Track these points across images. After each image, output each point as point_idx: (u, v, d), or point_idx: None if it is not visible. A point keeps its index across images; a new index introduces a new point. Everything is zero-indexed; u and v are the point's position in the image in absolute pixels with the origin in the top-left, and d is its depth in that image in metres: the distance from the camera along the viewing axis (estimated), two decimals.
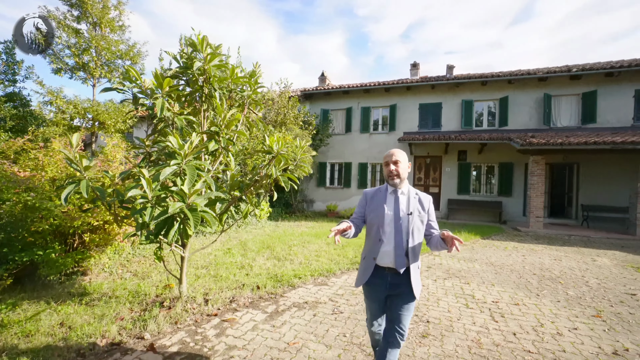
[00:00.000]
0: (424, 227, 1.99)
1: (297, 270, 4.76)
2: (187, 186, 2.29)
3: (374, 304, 2.03)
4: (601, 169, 10.73)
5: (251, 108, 3.69)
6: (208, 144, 2.58)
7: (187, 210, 2.22)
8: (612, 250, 7.31)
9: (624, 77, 10.63)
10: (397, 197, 2.00)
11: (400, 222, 1.94)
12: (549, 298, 4.02)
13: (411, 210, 1.96)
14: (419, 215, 1.98)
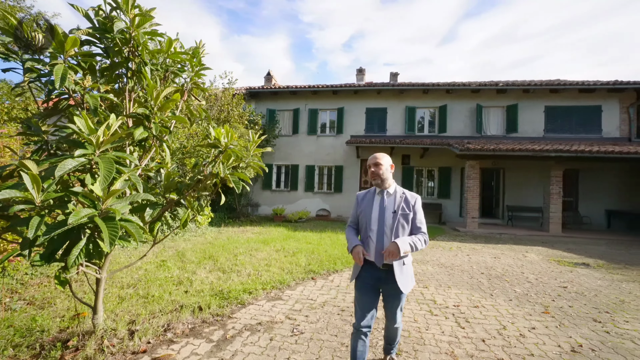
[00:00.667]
0: (409, 225, 2.07)
1: (247, 284, 4.17)
2: (101, 186, 1.64)
3: (364, 297, 2.10)
4: (522, 173, 12.08)
5: (193, 94, 3.06)
6: (134, 131, 1.93)
7: (99, 219, 1.57)
8: (535, 246, 8.12)
9: (537, 94, 12.17)
10: (383, 197, 2.15)
11: (385, 220, 2.07)
12: (501, 297, 4.10)
13: (395, 208, 2.08)
14: (404, 214, 2.06)
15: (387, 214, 2.07)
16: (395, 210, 2.06)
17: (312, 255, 6.02)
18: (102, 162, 1.67)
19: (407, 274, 2.08)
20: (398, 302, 2.13)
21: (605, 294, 4.41)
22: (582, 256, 6.96)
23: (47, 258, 1.73)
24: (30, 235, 1.43)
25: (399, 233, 2.04)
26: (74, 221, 1.50)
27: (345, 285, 4.41)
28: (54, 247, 1.69)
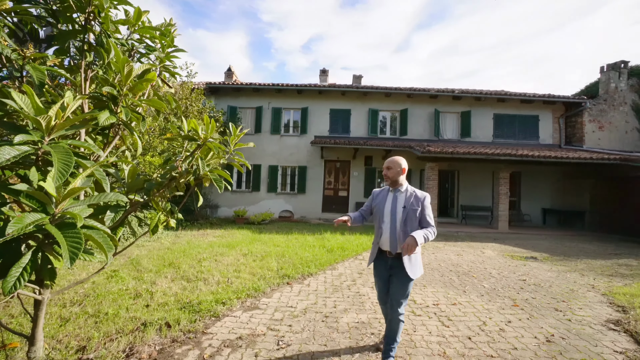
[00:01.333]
0: (417, 218, 2.36)
1: (218, 293, 3.79)
2: (55, 183, 1.26)
3: (379, 280, 2.52)
4: (474, 175, 12.99)
5: (163, 79, 2.66)
6: (99, 115, 1.55)
7: (52, 227, 1.20)
8: (489, 242, 8.72)
9: (487, 102, 13.20)
10: (396, 195, 2.47)
11: (396, 214, 2.40)
12: (474, 293, 4.24)
13: (405, 204, 2.39)
14: (413, 209, 2.36)
15: (398, 209, 2.40)
16: (405, 206, 2.38)
17: (283, 258, 5.75)
18: (56, 153, 1.28)
19: (415, 263, 2.37)
20: (404, 290, 2.35)
21: (557, 284, 4.80)
22: (529, 250, 7.61)
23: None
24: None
25: (407, 225, 2.35)
26: (16, 230, 1.12)
27: (324, 289, 4.23)
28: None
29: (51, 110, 1.33)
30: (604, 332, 3.18)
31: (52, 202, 1.29)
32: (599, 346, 2.88)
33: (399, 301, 2.35)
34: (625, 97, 12.78)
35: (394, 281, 2.37)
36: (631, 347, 2.89)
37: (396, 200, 2.43)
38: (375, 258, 2.53)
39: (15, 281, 1.20)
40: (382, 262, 2.47)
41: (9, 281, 1.19)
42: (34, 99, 1.32)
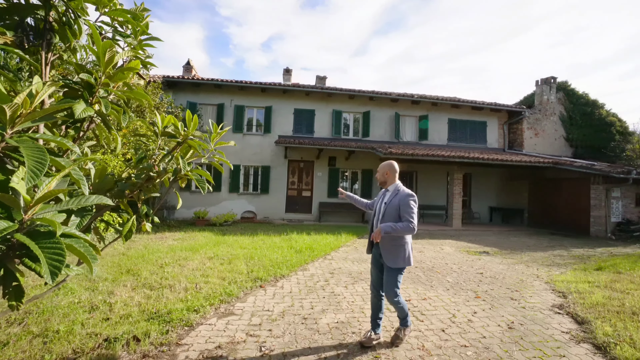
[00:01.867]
0: (396, 213, 2.66)
1: (188, 301, 3.55)
2: (27, 185, 1.08)
3: (372, 267, 2.92)
4: (430, 176, 13.80)
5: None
6: (74, 105, 1.34)
7: (23, 236, 1.02)
8: (446, 239, 9.33)
9: (442, 107, 14.12)
10: (385, 193, 2.89)
11: (380, 210, 2.82)
12: (440, 288, 4.50)
13: (386, 201, 2.77)
14: (392, 206, 2.69)
15: (382, 206, 2.80)
16: (387, 202, 2.75)
17: (252, 261, 5.57)
18: (25, 149, 1.09)
19: (394, 253, 2.68)
20: (388, 277, 2.69)
21: (509, 275, 5.29)
22: (482, 246, 8.28)
23: None
24: None
25: (386, 219, 2.69)
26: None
27: (298, 290, 4.18)
28: None
29: (18, 97, 1.13)
30: (552, 316, 3.57)
31: (20, 206, 1.10)
32: (549, 329, 3.22)
33: (387, 291, 2.69)
34: (554, 109, 14.51)
35: (384, 269, 2.74)
36: (574, 327, 3.28)
37: (383, 198, 2.85)
38: (372, 249, 2.89)
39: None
40: (375, 251, 2.86)
41: None
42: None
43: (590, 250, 7.97)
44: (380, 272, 2.82)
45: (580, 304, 3.82)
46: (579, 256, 7.13)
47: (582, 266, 6.00)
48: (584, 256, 7.15)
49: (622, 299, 3.97)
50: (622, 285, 4.53)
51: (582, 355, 2.73)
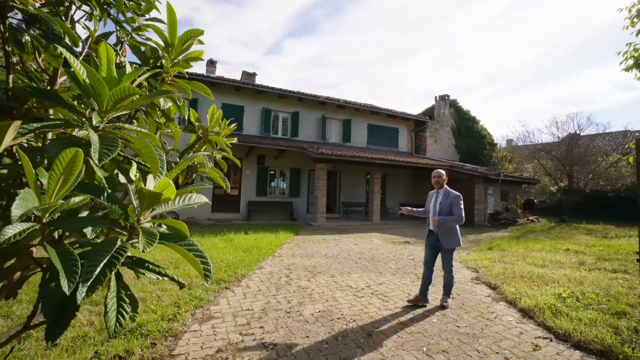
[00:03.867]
0: (449, 210, 3.69)
1: (157, 311, 3.22)
2: (146, 184, 1.04)
3: (428, 249, 3.93)
4: (351, 176, 15.02)
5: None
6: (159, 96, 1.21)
7: (172, 244, 0.98)
8: (372, 232, 10.41)
9: (363, 113, 15.53)
10: (438, 194, 3.88)
11: (435, 207, 3.81)
12: (388, 274, 5.15)
13: (441, 201, 3.78)
14: (446, 203, 3.72)
15: (437, 205, 3.78)
16: (441, 202, 3.77)
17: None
18: (140, 145, 1.03)
19: (449, 238, 3.70)
20: (446, 256, 3.78)
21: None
22: (402, 237, 9.57)
23: None
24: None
25: (442, 214, 3.71)
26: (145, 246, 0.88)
27: (266, 288, 4.21)
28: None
29: (125, 80, 1.04)
30: (475, 286, 4.56)
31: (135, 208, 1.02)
32: (477, 295, 4.13)
33: (446, 264, 3.79)
34: (448, 121, 17.62)
35: (440, 252, 3.83)
36: (490, 291, 4.29)
37: (438, 198, 3.83)
38: (427, 235, 3.93)
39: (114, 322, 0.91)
40: (430, 238, 3.88)
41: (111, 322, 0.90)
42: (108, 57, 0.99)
43: (478, 235, 10.11)
44: (434, 253, 3.85)
45: (489, 275, 4.96)
46: (473, 240, 9.01)
47: (478, 248, 7.64)
48: (476, 240, 9.06)
49: (512, 268, 5.31)
50: (509, 259, 6.02)
51: (503, 309, 3.64)
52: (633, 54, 5.16)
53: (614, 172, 14.69)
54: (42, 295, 0.80)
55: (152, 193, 0.87)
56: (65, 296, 0.82)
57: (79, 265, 0.73)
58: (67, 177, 0.74)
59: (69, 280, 0.71)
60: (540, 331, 3.07)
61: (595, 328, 2.97)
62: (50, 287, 0.82)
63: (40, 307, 0.80)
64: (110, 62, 0.97)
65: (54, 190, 0.74)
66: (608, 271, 5.10)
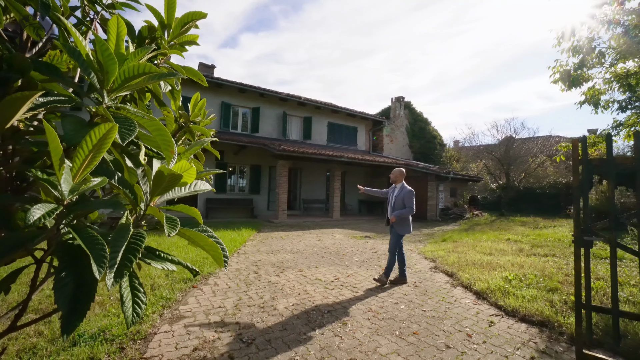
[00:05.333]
0: (402, 204, 4.37)
1: (120, 315, 2.97)
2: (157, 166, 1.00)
3: (390, 235, 4.52)
4: (312, 173, 15.14)
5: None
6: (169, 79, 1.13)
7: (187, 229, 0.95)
8: (333, 228, 10.63)
9: (324, 112, 15.72)
10: (395, 188, 4.54)
11: (392, 199, 4.50)
12: (354, 266, 5.33)
13: (396, 194, 4.44)
14: (399, 197, 4.39)
15: (393, 198, 4.46)
16: (396, 195, 4.42)
17: (158, 271, 4.93)
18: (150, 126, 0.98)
19: (400, 225, 4.37)
20: (394, 240, 4.41)
21: None
22: (362, 232, 9.92)
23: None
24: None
25: (396, 207, 4.39)
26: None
27: (235, 285, 4.11)
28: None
29: (132, 58, 0.97)
30: (433, 274, 4.92)
31: (145, 192, 0.97)
32: (437, 282, 4.48)
33: (391, 247, 4.42)
34: (403, 122, 18.58)
35: (391, 235, 4.46)
36: (448, 278, 4.67)
37: (394, 191, 4.50)
38: (387, 222, 4.52)
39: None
40: (390, 227, 4.50)
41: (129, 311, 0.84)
42: (118, 32, 0.92)
43: (432, 229, 10.87)
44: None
45: (445, 264, 5.39)
46: (427, 234, 9.66)
47: (433, 240, 8.22)
48: (430, 233, 9.73)
49: (464, 257, 5.83)
50: (461, 249, 6.59)
51: (460, 292, 4.00)
52: (559, 69, 5.95)
53: (540, 171, 16.77)
54: (56, 286, 0.73)
55: (173, 175, 0.84)
56: (80, 286, 0.77)
57: (106, 250, 0.69)
58: (95, 155, 0.69)
59: (99, 265, 0.67)
60: (493, 310, 3.44)
61: (536, 303, 3.41)
62: (62, 276, 0.75)
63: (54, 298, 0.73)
64: (120, 38, 0.91)
65: (79, 169, 0.69)
66: (541, 256, 5.86)
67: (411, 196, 4.35)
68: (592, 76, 5.95)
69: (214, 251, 0.98)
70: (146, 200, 0.93)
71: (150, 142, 1.08)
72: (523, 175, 16.26)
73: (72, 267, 0.79)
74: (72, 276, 0.78)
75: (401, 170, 4.56)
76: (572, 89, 6.07)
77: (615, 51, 5.30)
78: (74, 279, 0.78)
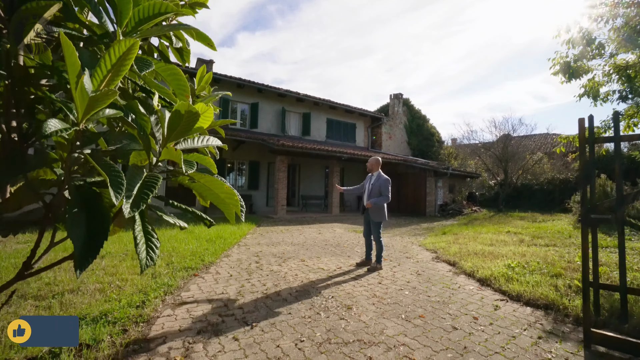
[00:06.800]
0: (378, 192, 4.49)
1: (121, 299, 2.93)
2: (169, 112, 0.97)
3: (365, 225, 4.75)
4: (310, 169, 15.11)
5: None
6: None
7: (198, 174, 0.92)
8: (333, 223, 10.61)
9: (322, 108, 15.68)
10: (372, 177, 4.65)
11: (368, 187, 4.62)
12: (356, 257, 5.31)
13: (373, 182, 4.57)
14: (376, 186, 4.52)
15: (370, 186, 4.58)
16: (373, 184, 4.54)
17: (162, 253, 4.88)
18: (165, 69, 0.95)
19: (376, 213, 4.52)
20: (374, 228, 4.57)
21: (397, 244, 6.70)
22: (362, 226, 9.88)
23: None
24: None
25: (372, 194, 4.52)
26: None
27: (237, 273, 4.07)
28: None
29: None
30: (436, 264, 4.91)
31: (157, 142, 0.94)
32: (440, 270, 4.47)
33: (375, 235, 4.56)
34: (401, 119, 18.59)
35: (371, 224, 4.59)
36: (450, 267, 4.66)
37: (371, 181, 4.61)
38: (364, 212, 4.69)
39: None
40: (365, 215, 4.67)
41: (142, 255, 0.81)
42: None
43: (431, 224, 10.88)
44: (368, 226, 4.63)
45: (447, 255, 5.38)
46: (427, 228, 9.66)
47: (433, 234, 8.22)
48: (429, 227, 9.74)
49: (466, 248, 5.82)
50: (462, 241, 6.59)
51: (464, 280, 3.99)
52: (559, 60, 5.95)
53: (538, 168, 16.85)
54: (69, 223, 0.70)
55: (190, 113, 0.81)
56: (93, 224, 0.73)
57: (123, 177, 0.66)
58: (114, 75, 0.65)
59: (115, 191, 0.63)
60: (497, 295, 3.43)
61: (540, 288, 3.40)
62: (75, 213, 0.72)
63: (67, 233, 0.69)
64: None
65: (98, 86, 0.65)
66: (542, 246, 5.87)
67: (387, 184, 4.44)
68: (591, 68, 5.96)
69: (231, 199, 0.95)
70: (161, 144, 0.90)
71: (164, 92, 1.04)
72: (520, 172, 16.32)
73: (85, 206, 0.76)
74: (85, 213, 0.74)
75: (377, 159, 4.69)
76: (571, 81, 6.07)
77: (614, 40, 5.31)
78: (87, 216, 0.74)
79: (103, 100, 0.60)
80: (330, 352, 2.19)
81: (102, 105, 0.62)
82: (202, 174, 0.91)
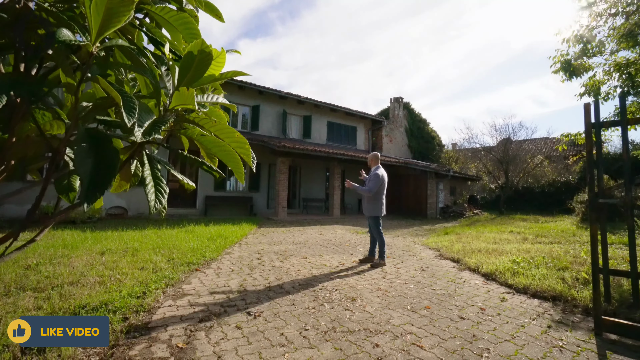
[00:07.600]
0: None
1: (121, 291, 2.88)
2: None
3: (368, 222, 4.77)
4: (311, 171, 15.08)
5: None
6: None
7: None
8: (334, 224, 10.54)
9: (323, 110, 15.72)
10: (370, 171, 4.70)
11: (367, 180, 4.66)
12: (359, 255, 5.25)
13: (368, 175, 4.65)
14: (368, 178, 4.61)
15: (367, 179, 4.66)
16: (368, 176, 4.66)
17: (163, 250, 4.82)
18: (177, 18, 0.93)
19: (368, 207, 4.63)
20: (370, 223, 4.68)
21: (399, 243, 6.65)
22: (364, 227, 9.82)
23: None
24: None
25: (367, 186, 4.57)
26: None
27: (239, 269, 4.02)
28: None
29: None
30: (439, 261, 4.86)
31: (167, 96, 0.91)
32: (444, 267, 4.41)
33: (373, 230, 4.67)
34: (402, 122, 18.63)
35: (367, 219, 4.76)
36: (454, 264, 4.61)
37: (369, 174, 4.69)
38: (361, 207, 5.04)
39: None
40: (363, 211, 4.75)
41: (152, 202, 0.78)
42: None
43: (433, 225, 10.82)
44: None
45: (450, 252, 5.32)
46: (429, 229, 9.60)
47: (436, 234, 8.16)
48: (431, 229, 9.67)
49: (469, 246, 5.77)
50: (465, 240, 6.54)
51: (468, 275, 3.94)
52: (560, 58, 5.97)
53: (538, 171, 16.83)
54: (77, 159, 0.67)
55: (203, 54, 0.79)
56: (101, 163, 0.70)
57: (136, 102, 0.63)
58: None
59: (128, 114, 0.61)
60: (503, 288, 3.38)
61: (547, 280, 3.35)
62: (83, 152, 0.69)
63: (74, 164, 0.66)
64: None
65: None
66: (546, 243, 5.82)
67: (376, 178, 4.48)
68: (592, 66, 5.97)
69: (242, 147, 0.92)
70: (172, 92, 0.87)
71: (174, 45, 1.02)
72: (521, 175, 16.30)
73: (93, 147, 0.73)
74: (93, 152, 0.71)
75: (375, 154, 4.88)
76: (572, 79, 6.08)
77: (615, 35, 5.33)
78: (95, 155, 0.71)
79: (122, 13, 0.58)
80: (336, 340, 2.14)
81: (119, 22, 0.60)
82: (212, 120, 0.89)
